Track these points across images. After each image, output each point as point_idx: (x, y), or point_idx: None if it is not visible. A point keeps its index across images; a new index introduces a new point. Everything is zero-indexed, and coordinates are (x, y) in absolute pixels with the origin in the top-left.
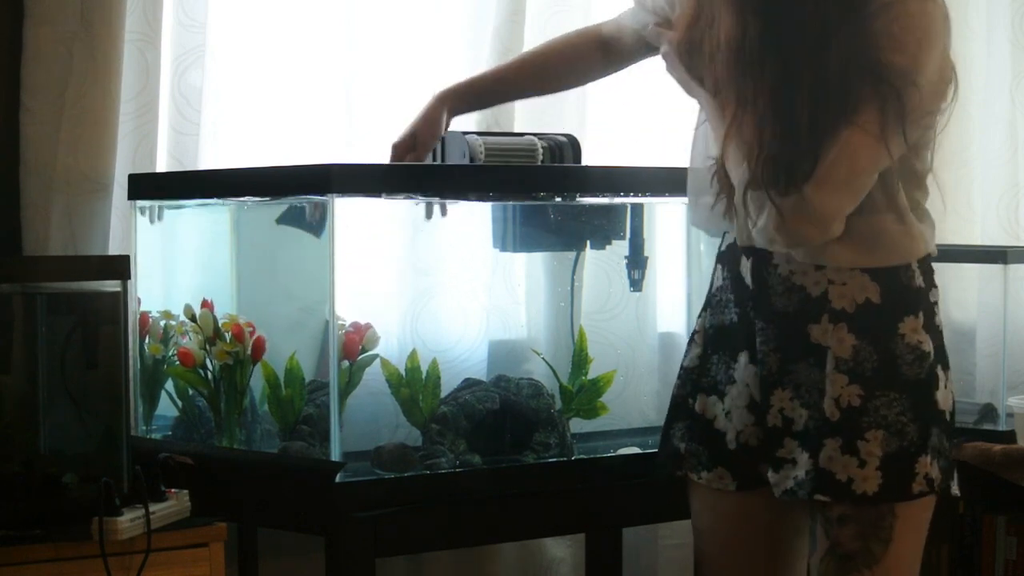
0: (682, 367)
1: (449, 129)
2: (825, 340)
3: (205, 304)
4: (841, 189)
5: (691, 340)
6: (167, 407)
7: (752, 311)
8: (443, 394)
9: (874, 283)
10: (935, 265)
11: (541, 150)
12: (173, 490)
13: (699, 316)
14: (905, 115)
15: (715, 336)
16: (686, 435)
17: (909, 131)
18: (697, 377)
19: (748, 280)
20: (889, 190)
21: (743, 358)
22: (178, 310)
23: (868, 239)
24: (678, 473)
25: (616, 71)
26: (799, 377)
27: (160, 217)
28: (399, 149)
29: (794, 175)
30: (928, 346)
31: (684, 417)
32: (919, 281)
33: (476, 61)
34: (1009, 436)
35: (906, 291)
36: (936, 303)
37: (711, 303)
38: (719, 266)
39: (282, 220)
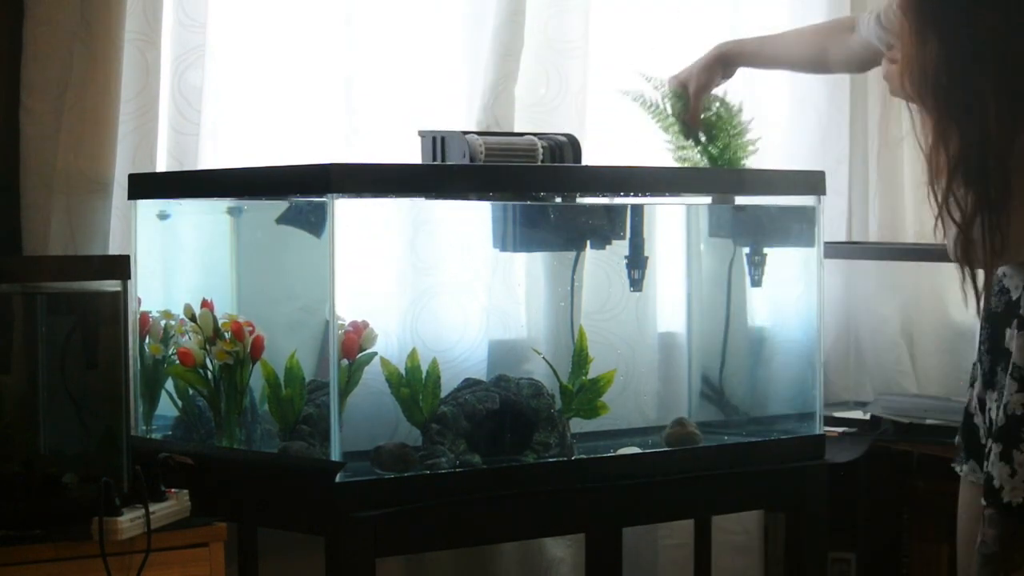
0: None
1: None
2: (1011, 345)
3: (205, 304)
4: None
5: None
6: (167, 407)
7: (984, 312)
8: (443, 394)
9: None
10: (937, 265)
11: (541, 150)
12: (173, 490)
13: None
14: None
15: (981, 334)
16: (960, 428)
17: None
18: (974, 370)
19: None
20: None
21: (976, 357)
22: (178, 310)
23: None
24: (951, 465)
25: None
26: (998, 380)
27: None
28: (672, 82)
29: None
30: None
31: (964, 411)
32: None
33: (476, 61)
34: None
35: None
36: None
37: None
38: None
39: (282, 220)
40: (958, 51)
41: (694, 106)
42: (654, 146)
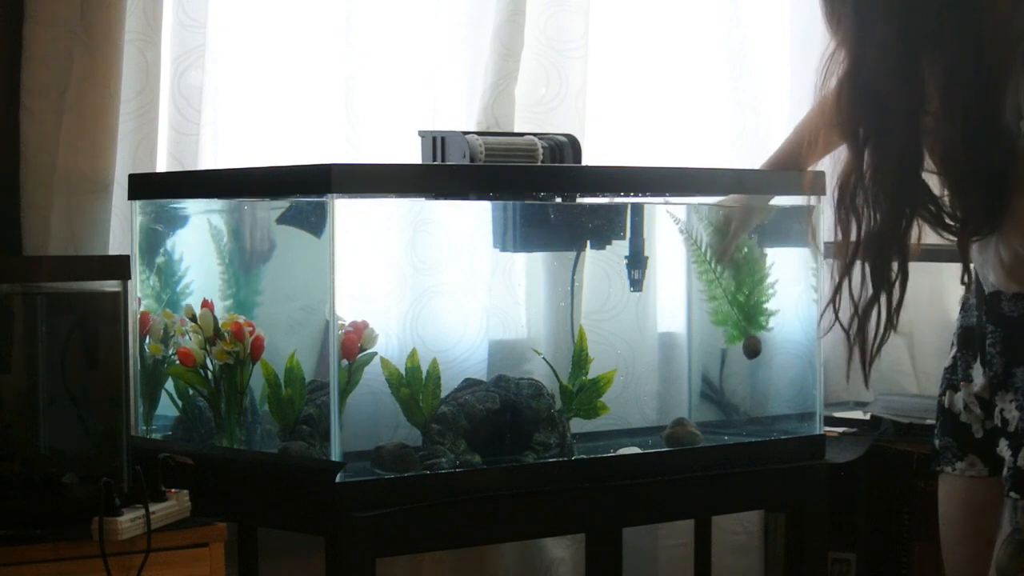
0: (943, 368)
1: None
2: None
3: (205, 304)
4: None
5: (951, 342)
6: (167, 407)
7: (985, 315)
8: (443, 394)
9: None
10: (937, 265)
11: (541, 150)
12: (173, 490)
13: (957, 319)
14: None
15: (962, 336)
16: (940, 431)
17: None
18: (950, 375)
19: (985, 285)
20: None
21: (977, 359)
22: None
23: None
24: (935, 468)
25: None
26: (1018, 381)
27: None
28: (714, 213)
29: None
30: None
31: (940, 415)
32: None
33: (476, 61)
34: None
35: None
36: None
37: (963, 306)
38: (974, 271)
39: (282, 220)
40: (875, 156)
41: (729, 244)
42: (654, 146)
